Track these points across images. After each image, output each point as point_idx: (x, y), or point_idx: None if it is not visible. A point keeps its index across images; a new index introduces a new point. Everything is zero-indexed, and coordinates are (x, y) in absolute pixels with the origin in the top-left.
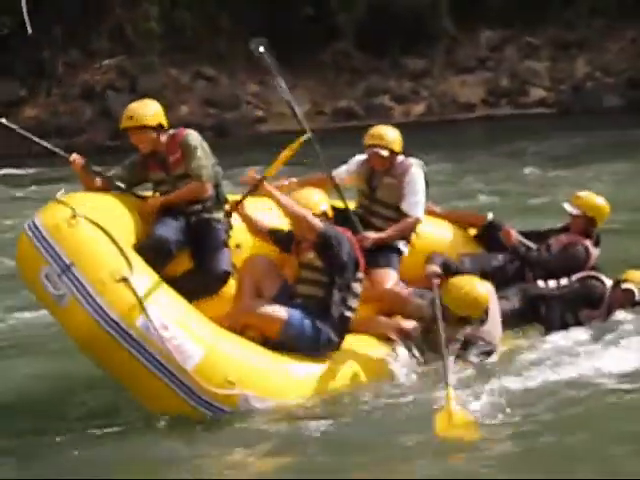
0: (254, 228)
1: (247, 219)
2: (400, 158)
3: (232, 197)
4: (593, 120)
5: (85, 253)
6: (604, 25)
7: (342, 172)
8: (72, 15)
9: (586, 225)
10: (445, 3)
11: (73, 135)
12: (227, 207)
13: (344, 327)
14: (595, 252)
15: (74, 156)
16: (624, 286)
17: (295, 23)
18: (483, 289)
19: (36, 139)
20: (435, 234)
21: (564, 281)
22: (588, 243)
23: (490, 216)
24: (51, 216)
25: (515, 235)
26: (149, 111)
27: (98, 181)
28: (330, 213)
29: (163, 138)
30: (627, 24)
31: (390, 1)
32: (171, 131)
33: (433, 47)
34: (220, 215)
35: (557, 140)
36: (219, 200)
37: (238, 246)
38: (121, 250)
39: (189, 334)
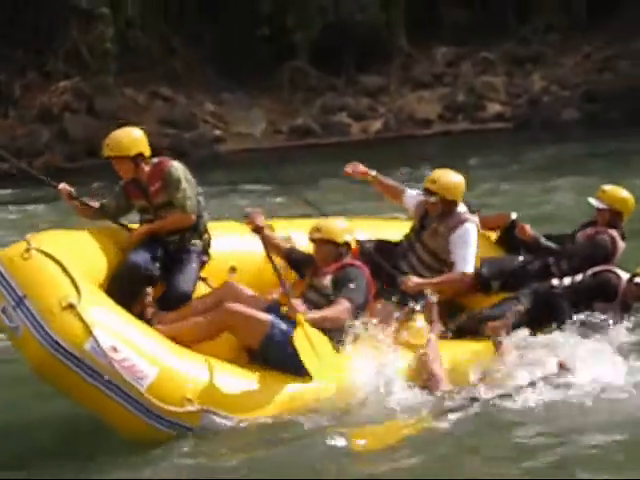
0: (272, 246)
1: (265, 237)
2: (459, 209)
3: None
4: (550, 134)
5: (36, 284)
6: (559, 40)
7: (411, 199)
8: (28, 37)
9: (612, 218)
10: (400, 19)
11: (31, 157)
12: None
13: None
14: (621, 244)
15: (62, 185)
16: (637, 280)
17: (250, 43)
18: None
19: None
20: None
21: (579, 277)
22: (615, 234)
23: (514, 215)
24: (8, 252)
25: (530, 230)
26: (128, 140)
27: (88, 209)
28: (354, 244)
29: (146, 167)
30: (582, 39)
31: (345, 19)
32: (155, 159)
33: (389, 64)
34: (197, 242)
35: (514, 154)
36: (198, 229)
37: (233, 269)
38: (71, 278)
39: (141, 354)
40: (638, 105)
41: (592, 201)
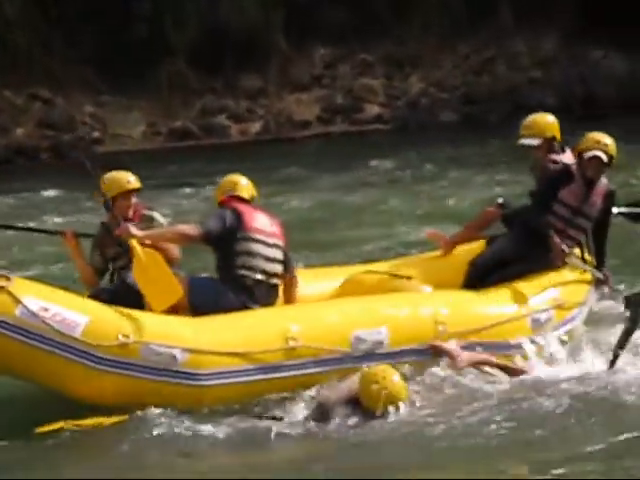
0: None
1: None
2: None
3: None
4: (429, 135)
5: None
6: (437, 41)
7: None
8: None
9: (549, 147)
10: (278, 21)
11: None
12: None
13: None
14: (569, 156)
15: (68, 231)
16: (587, 154)
17: (129, 44)
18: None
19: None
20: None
21: None
22: (554, 156)
23: (500, 200)
24: None
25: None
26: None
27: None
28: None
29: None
30: (460, 40)
31: (223, 20)
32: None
33: (268, 65)
34: None
35: (393, 155)
36: None
37: None
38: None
39: (70, 307)
40: (515, 107)
41: (526, 142)
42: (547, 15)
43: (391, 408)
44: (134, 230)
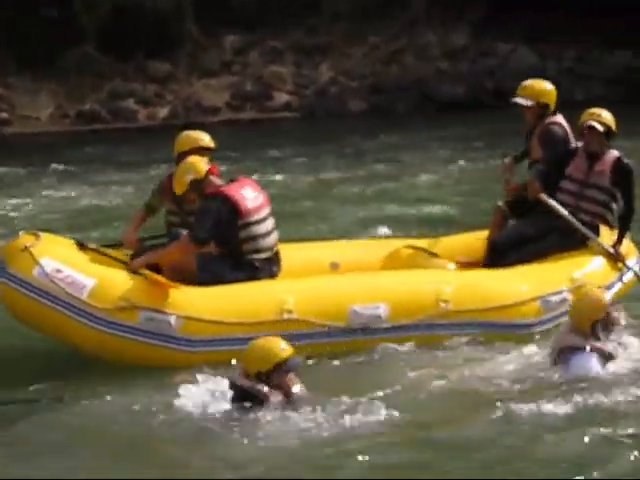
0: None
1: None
2: None
3: None
4: (337, 124)
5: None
6: (347, 30)
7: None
8: None
9: (542, 112)
10: (189, 7)
11: None
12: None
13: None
14: (565, 123)
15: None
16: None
17: (38, 25)
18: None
19: None
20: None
21: None
22: (550, 119)
23: (507, 159)
24: (10, 246)
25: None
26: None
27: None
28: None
29: None
30: (369, 30)
31: (134, 4)
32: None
33: (178, 51)
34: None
35: (300, 143)
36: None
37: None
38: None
39: (81, 270)
40: (422, 97)
41: (518, 100)
42: (458, 6)
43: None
44: (136, 264)
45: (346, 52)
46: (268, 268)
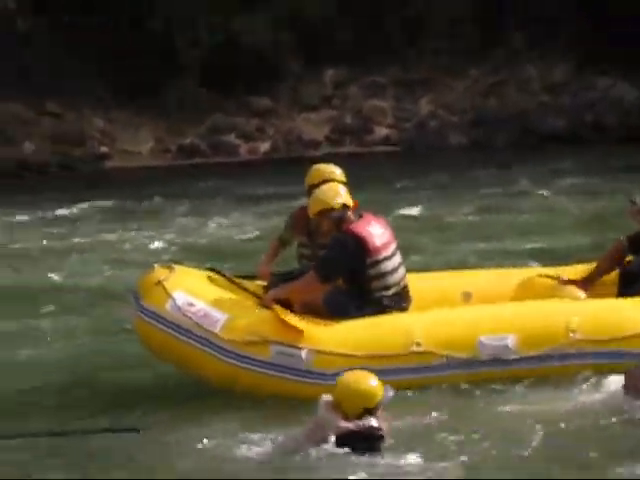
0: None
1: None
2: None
3: None
4: (436, 158)
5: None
6: (448, 64)
7: None
8: None
9: None
10: (289, 41)
11: None
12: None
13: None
14: None
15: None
16: None
17: (140, 61)
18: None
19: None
20: None
21: None
22: None
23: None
24: (145, 280)
25: None
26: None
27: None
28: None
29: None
30: (470, 64)
31: (234, 39)
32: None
33: (278, 85)
34: None
35: (400, 177)
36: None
37: (468, 294)
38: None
39: (213, 305)
40: (523, 131)
41: None
42: (558, 41)
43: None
44: (267, 300)
45: (447, 85)
46: (397, 305)
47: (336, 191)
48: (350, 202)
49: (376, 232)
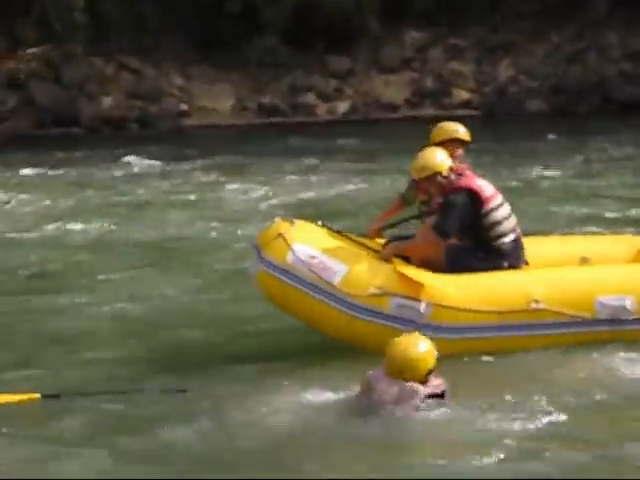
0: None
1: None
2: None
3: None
4: (517, 124)
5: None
6: (530, 29)
7: None
8: None
9: None
10: (371, 2)
11: None
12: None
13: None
14: None
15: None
16: None
17: (221, 18)
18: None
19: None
20: None
21: None
22: None
23: None
24: (265, 233)
25: None
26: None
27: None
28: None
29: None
30: (552, 29)
31: None
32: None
33: (358, 46)
34: None
35: (482, 140)
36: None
37: (585, 259)
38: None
39: (333, 257)
40: (605, 99)
41: None
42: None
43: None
44: (386, 253)
45: (528, 50)
46: (515, 252)
47: (436, 156)
48: (450, 164)
49: (483, 183)
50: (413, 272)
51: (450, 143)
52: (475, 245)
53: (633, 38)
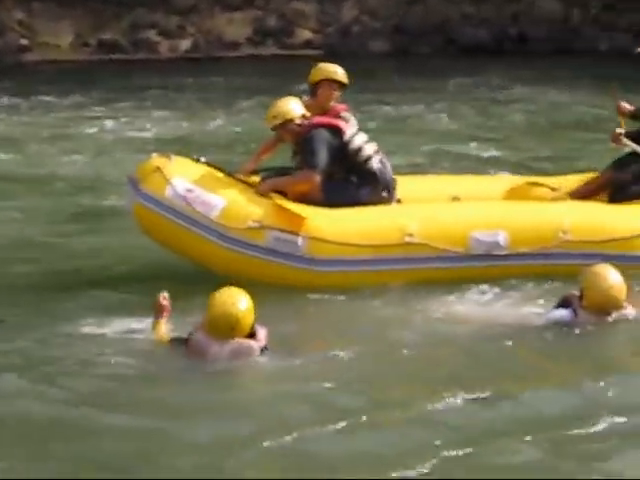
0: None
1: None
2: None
3: None
4: (360, 63)
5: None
6: None
7: None
8: None
9: None
10: None
11: None
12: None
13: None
14: None
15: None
16: None
17: None
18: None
19: None
20: None
21: None
22: None
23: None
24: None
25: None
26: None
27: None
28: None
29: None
30: None
31: None
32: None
33: None
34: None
35: None
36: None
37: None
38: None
39: (211, 191)
40: (446, 40)
41: None
42: None
43: None
44: (264, 188)
45: None
46: (386, 175)
47: (288, 104)
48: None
49: (334, 119)
50: (291, 206)
51: (327, 84)
52: (347, 174)
53: None
